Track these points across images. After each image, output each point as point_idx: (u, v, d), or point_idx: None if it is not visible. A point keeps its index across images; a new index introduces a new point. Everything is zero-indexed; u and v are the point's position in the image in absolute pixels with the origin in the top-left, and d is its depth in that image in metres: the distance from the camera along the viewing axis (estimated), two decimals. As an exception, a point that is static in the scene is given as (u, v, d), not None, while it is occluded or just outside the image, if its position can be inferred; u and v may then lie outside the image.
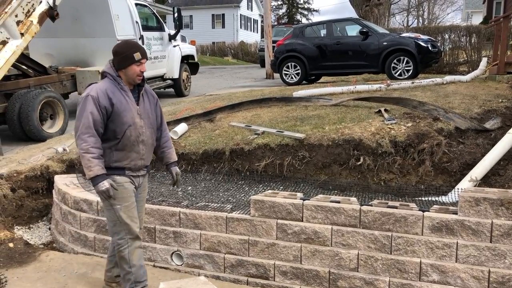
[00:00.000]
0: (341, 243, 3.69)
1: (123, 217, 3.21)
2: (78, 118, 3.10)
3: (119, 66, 3.18)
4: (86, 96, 3.10)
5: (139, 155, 3.26)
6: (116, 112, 3.12)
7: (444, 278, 3.42)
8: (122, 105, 3.14)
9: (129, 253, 3.24)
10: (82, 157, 3.05)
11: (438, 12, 48.44)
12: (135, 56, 3.16)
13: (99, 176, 3.04)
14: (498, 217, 3.35)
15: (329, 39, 11.24)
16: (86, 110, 3.06)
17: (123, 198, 3.20)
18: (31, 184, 5.63)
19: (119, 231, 3.24)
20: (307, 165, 5.07)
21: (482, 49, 12.69)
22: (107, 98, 3.10)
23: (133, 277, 3.26)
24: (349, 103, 6.50)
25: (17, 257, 4.38)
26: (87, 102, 3.08)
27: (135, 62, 3.16)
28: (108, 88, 3.13)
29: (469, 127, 5.04)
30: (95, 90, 3.11)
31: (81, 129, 3.05)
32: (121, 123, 3.14)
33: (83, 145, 3.03)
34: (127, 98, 3.18)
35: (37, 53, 10.36)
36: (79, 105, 3.13)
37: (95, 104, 3.07)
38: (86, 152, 3.03)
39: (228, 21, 41.72)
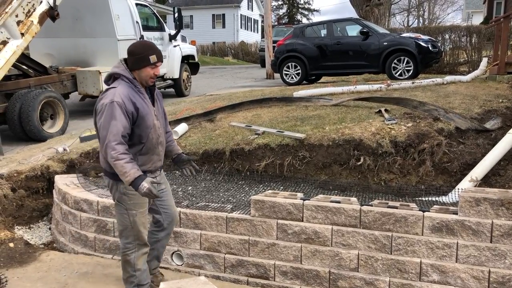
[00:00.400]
0: (341, 243, 3.69)
1: (137, 223, 3.19)
2: (105, 127, 2.94)
3: (133, 67, 3.07)
4: (111, 103, 2.93)
5: (159, 157, 3.27)
6: (141, 116, 3.03)
7: (444, 278, 3.42)
8: (144, 108, 3.06)
9: (135, 258, 3.23)
10: (115, 166, 2.94)
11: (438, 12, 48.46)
12: (151, 59, 3.06)
13: (137, 179, 2.92)
14: (499, 217, 3.35)
15: (329, 39, 11.24)
16: (114, 117, 2.92)
17: (139, 204, 3.18)
18: (31, 184, 5.63)
19: (128, 236, 3.22)
20: (308, 165, 5.07)
21: (482, 49, 12.69)
22: (131, 102, 2.99)
23: (136, 280, 3.27)
24: (350, 103, 6.50)
25: (17, 257, 4.38)
26: (114, 108, 2.92)
27: (150, 64, 3.06)
28: (129, 92, 3.01)
29: (469, 127, 5.04)
30: (119, 96, 2.96)
31: (109, 137, 2.91)
32: (145, 127, 3.07)
33: (113, 153, 2.91)
34: (146, 100, 3.11)
35: (38, 53, 10.37)
36: (103, 112, 2.96)
37: (122, 111, 2.94)
38: (117, 159, 2.91)
39: (229, 21, 41.72)
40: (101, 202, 4.48)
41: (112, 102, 2.93)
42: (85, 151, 6.07)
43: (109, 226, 4.43)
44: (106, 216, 4.45)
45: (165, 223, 3.46)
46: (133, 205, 3.16)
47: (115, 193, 3.18)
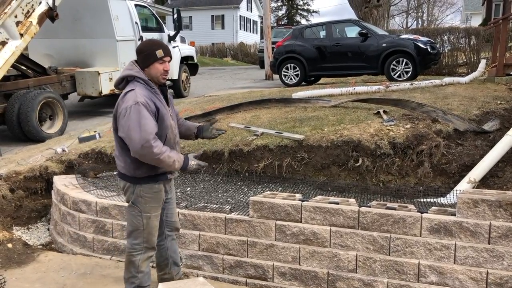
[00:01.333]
0: (339, 244, 3.69)
1: (150, 226, 3.18)
2: (134, 129, 2.87)
3: (143, 65, 3.05)
4: (136, 104, 2.88)
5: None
6: (161, 116, 3.01)
7: (442, 280, 3.42)
8: (162, 109, 3.03)
9: (140, 260, 3.22)
10: (161, 161, 2.94)
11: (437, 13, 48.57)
12: (157, 54, 3.01)
13: (184, 162, 3.05)
14: (496, 218, 3.36)
15: (328, 41, 11.26)
16: (143, 117, 2.88)
17: (154, 207, 3.18)
18: (30, 185, 5.63)
19: (137, 237, 3.20)
20: (306, 166, 5.08)
21: (481, 51, 12.72)
22: (153, 102, 2.97)
23: (138, 281, 3.26)
24: (348, 104, 6.51)
25: (15, 258, 4.38)
26: (141, 110, 2.88)
27: (158, 60, 3.02)
28: (147, 93, 2.98)
29: (467, 129, 5.04)
30: (141, 97, 2.92)
31: (145, 137, 2.85)
32: (165, 127, 3.06)
33: (156, 150, 2.88)
34: (162, 101, 3.08)
35: (37, 53, 10.38)
36: (129, 115, 2.89)
37: (148, 111, 2.91)
38: (161, 154, 2.91)
39: (228, 22, 41.73)
40: (99, 203, 4.48)
41: (136, 103, 2.89)
42: (84, 151, 6.07)
43: (107, 227, 4.42)
44: (104, 217, 4.45)
45: (166, 230, 3.45)
46: (149, 208, 3.15)
47: (130, 195, 3.16)
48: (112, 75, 10.06)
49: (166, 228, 3.45)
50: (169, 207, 3.41)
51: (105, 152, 5.94)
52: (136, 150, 2.91)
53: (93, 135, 6.77)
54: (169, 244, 3.48)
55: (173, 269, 3.53)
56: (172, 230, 3.49)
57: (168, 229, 3.46)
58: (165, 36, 12.09)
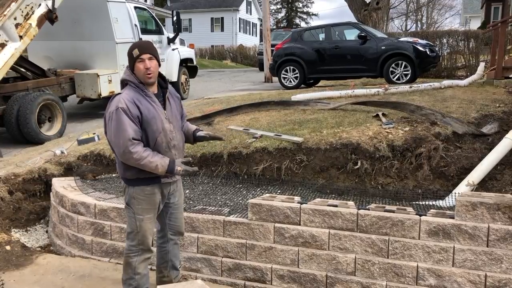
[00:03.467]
0: (338, 247, 3.69)
1: (143, 228, 3.20)
2: (115, 134, 2.97)
3: (130, 68, 3.10)
4: (116, 110, 2.96)
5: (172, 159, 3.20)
6: (146, 120, 3.03)
7: (440, 282, 3.42)
8: (150, 112, 3.05)
9: (137, 261, 3.25)
10: (143, 166, 2.98)
11: (436, 16, 48.67)
12: (133, 54, 3.04)
13: (169, 166, 3.03)
14: (495, 221, 3.36)
15: (327, 43, 11.27)
16: (123, 123, 2.94)
17: (146, 210, 3.19)
18: (28, 187, 5.63)
19: (133, 239, 3.24)
20: (305, 169, 5.08)
21: (480, 54, 12.73)
22: (136, 107, 3.00)
23: (135, 283, 3.27)
24: (347, 107, 6.51)
25: (14, 260, 4.37)
26: (120, 116, 2.95)
27: (136, 59, 3.03)
28: (133, 96, 3.03)
29: (466, 132, 5.05)
30: (122, 101, 2.98)
31: (124, 144, 2.94)
32: (152, 131, 3.06)
33: (135, 156, 2.95)
34: (153, 104, 3.09)
35: (36, 55, 10.37)
36: (111, 121, 3.00)
37: (127, 116, 2.96)
38: (141, 159, 2.96)
39: (227, 24, 41.78)
40: (98, 205, 4.47)
41: (117, 109, 2.97)
42: (83, 154, 6.07)
43: (106, 229, 4.42)
44: (103, 219, 4.45)
45: (168, 233, 3.47)
46: (141, 210, 3.17)
47: (126, 195, 3.23)
48: (111, 77, 10.06)
49: (169, 232, 3.46)
50: (173, 211, 3.41)
51: (104, 154, 5.93)
52: (119, 155, 3.01)
53: (92, 137, 6.76)
54: (171, 248, 3.49)
55: (172, 273, 3.54)
56: (175, 234, 3.49)
57: (171, 232, 3.47)
58: (165, 38, 12.09)
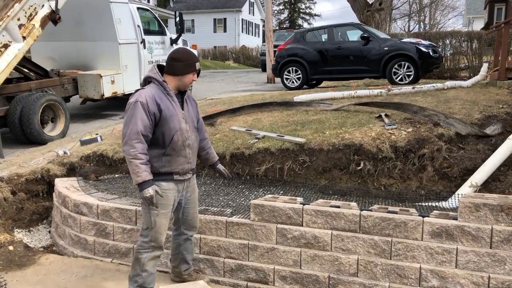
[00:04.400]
0: (341, 248, 3.68)
1: (157, 225, 3.30)
2: (127, 124, 3.12)
3: (177, 72, 3.26)
4: (135, 102, 3.12)
5: (186, 159, 3.36)
6: (164, 117, 3.17)
7: (443, 284, 3.41)
8: (169, 110, 3.20)
9: (146, 258, 3.33)
10: (129, 163, 3.09)
11: (439, 17, 48.57)
12: (196, 65, 3.31)
13: (146, 182, 3.09)
14: (498, 223, 3.34)
15: (330, 44, 11.27)
16: (135, 116, 3.09)
17: (162, 205, 3.27)
18: (31, 187, 5.63)
19: (147, 235, 3.33)
20: (308, 170, 5.07)
21: (483, 55, 12.70)
22: (155, 103, 3.14)
23: (141, 280, 3.35)
24: (350, 108, 6.50)
25: (16, 260, 4.38)
26: (136, 108, 3.10)
27: (194, 71, 3.31)
28: (155, 93, 3.18)
29: (469, 133, 5.04)
30: (144, 96, 3.13)
31: (130, 135, 3.08)
32: (169, 128, 3.20)
33: (131, 151, 3.07)
34: (173, 103, 3.25)
35: (39, 56, 10.40)
36: (127, 111, 3.15)
37: (144, 110, 3.09)
38: (134, 158, 3.06)
39: (230, 25, 41.80)
40: (100, 206, 4.48)
41: (136, 101, 3.12)
42: (86, 154, 6.08)
43: (108, 229, 4.42)
44: (105, 220, 4.45)
45: (182, 227, 3.64)
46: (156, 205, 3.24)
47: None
48: (114, 78, 10.08)
49: (183, 226, 3.64)
50: (186, 206, 3.58)
51: (106, 155, 5.94)
52: (122, 143, 3.14)
53: (94, 138, 6.77)
54: (183, 241, 3.68)
55: (182, 266, 3.75)
56: (188, 229, 3.66)
57: (184, 227, 3.64)
58: (167, 39, 12.11)
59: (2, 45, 7.44)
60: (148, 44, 11.15)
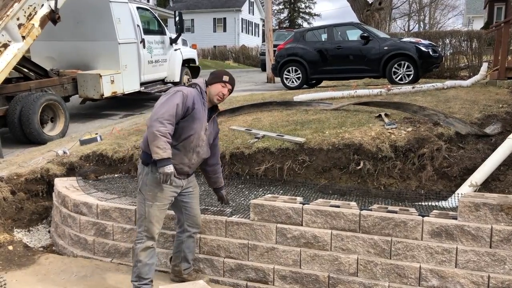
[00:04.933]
0: (340, 247, 3.68)
1: (151, 215, 3.41)
2: (163, 105, 3.26)
3: (208, 82, 3.54)
4: (178, 91, 3.34)
5: (189, 162, 3.49)
6: (193, 116, 3.36)
7: (443, 283, 3.41)
8: (199, 113, 3.40)
9: (139, 248, 3.46)
10: (157, 138, 3.17)
11: (439, 17, 48.52)
12: (224, 78, 3.53)
13: (169, 159, 3.22)
14: (498, 222, 3.34)
15: (330, 44, 11.26)
16: (173, 100, 3.27)
17: (158, 197, 3.41)
18: (31, 187, 5.63)
19: (141, 225, 3.47)
20: (307, 169, 5.07)
21: (483, 54, 12.70)
22: (193, 101, 3.36)
23: (137, 271, 3.47)
24: (350, 107, 6.50)
25: (16, 260, 4.38)
26: (177, 95, 3.31)
27: (221, 82, 3.50)
28: (195, 95, 3.41)
29: (469, 132, 5.03)
30: (186, 90, 3.38)
31: (164, 115, 3.21)
32: (191, 128, 3.38)
33: (162, 128, 3.18)
34: (204, 111, 3.47)
35: (39, 56, 10.38)
36: (167, 95, 3.33)
37: (182, 100, 3.30)
38: (164, 135, 3.18)
39: (230, 25, 41.79)
40: (100, 206, 4.48)
41: (179, 91, 3.35)
42: (85, 154, 6.08)
43: (108, 229, 4.42)
44: (105, 219, 4.45)
45: (185, 224, 3.70)
46: (151, 197, 3.39)
47: (139, 181, 3.48)
48: (113, 77, 10.07)
49: (186, 222, 3.70)
50: (188, 200, 3.66)
51: (106, 155, 5.94)
52: (151, 119, 3.23)
53: (94, 138, 6.77)
54: (185, 239, 3.72)
55: (183, 264, 3.78)
56: (192, 226, 3.71)
57: (188, 223, 3.70)
58: (167, 38, 12.09)
59: (2, 45, 7.43)
60: (147, 44, 11.14)
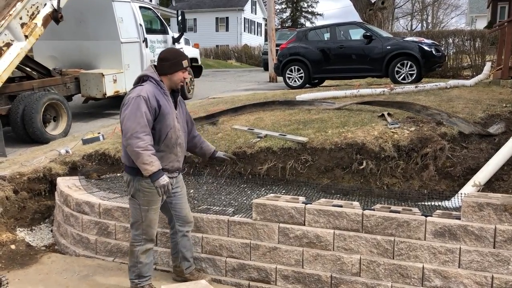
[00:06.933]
0: (343, 247, 3.67)
1: (148, 218, 3.42)
2: (130, 117, 3.15)
3: (166, 71, 3.36)
4: (137, 97, 3.19)
5: (176, 157, 3.48)
6: (162, 114, 3.28)
7: (446, 284, 3.39)
8: (166, 108, 3.31)
9: (139, 251, 3.46)
10: (139, 155, 3.12)
11: (442, 16, 48.44)
12: (183, 63, 3.38)
13: (160, 171, 3.19)
14: (502, 222, 3.33)
15: (332, 43, 11.24)
16: (140, 110, 3.15)
17: (152, 201, 3.40)
18: (33, 186, 5.64)
19: (137, 228, 3.46)
20: (310, 169, 5.06)
21: (486, 54, 12.67)
22: (155, 100, 3.25)
23: (137, 271, 3.49)
24: (352, 107, 6.48)
25: (18, 259, 4.38)
26: (140, 102, 3.17)
27: (182, 68, 3.38)
28: (154, 91, 3.28)
29: (472, 132, 5.01)
30: (145, 92, 3.22)
31: (137, 128, 3.13)
32: (165, 125, 3.31)
33: (141, 143, 3.12)
34: (169, 102, 3.37)
35: (41, 55, 10.41)
36: (129, 106, 3.20)
37: (146, 105, 3.18)
38: (145, 149, 3.13)
39: (232, 24, 41.80)
40: (102, 205, 4.48)
41: (138, 96, 3.19)
42: (88, 153, 6.08)
43: (110, 228, 4.42)
44: (107, 219, 4.45)
45: (176, 224, 3.69)
46: (147, 202, 3.39)
47: (131, 188, 3.40)
48: (116, 77, 10.08)
49: (177, 223, 3.67)
50: (177, 201, 3.62)
51: (108, 154, 5.94)
52: (125, 137, 3.16)
53: (96, 137, 6.77)
54: (180, 239, 3.70)
55: (183, 264, 3.77)
56: (183, 225, 3.68)
57: (179, 223, 3.67)
58: (169, 38, 12.10)
59: (5, 44, 7.44)
60: (150, 43, 11.14)
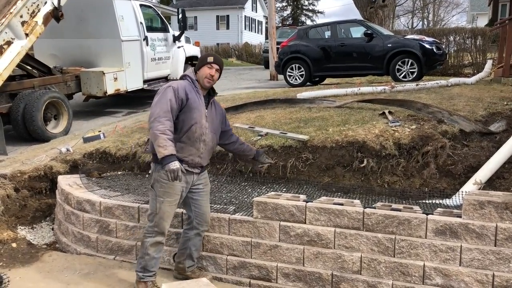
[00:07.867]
0: (344, 245, 3.67)
1: (162, 210, 3.48)
2: (156, 104, 3.35)
3: (196, 70, 3.61)
4: (168, 87, 3.42)
5: (198, 152, 3.55)
6: (189, 106, 3.44)
7: (447, 282, 3.40)
8: (195, 102, 3.48)
9: (149, 242, 3.53)
10: (157, 137, 3.23)
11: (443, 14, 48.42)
12: (208, 59, 3.58)
13: (173, 156, 3.23)
14: (503, 220, 3.32)
15: (333, 41, 11.23)
16: (166, 97, 3.35)
17: (168, 193, 3.47)
18: (34, 184, 5.64)
19: (152, 220, 3.53)
20: (311, 167, 5.05)
21: (487, 52, 12.66)
22: (185, 92, 3.45)
23: (144, 263, 3.54)
24: (353, 105, 6.48)
25: (20, 257, 4.39)
26: (168, 91, 3.39)
27: (207, 63, 3.54)
28: (186, 86, 3.50)
29: (473, 130, 5.00)
30: (176, 84, 3.47)
31: (159, 113, 3.29)
32: (190, 117, 3.45)
33: (160, 126, 3.24)
34: (199, 99, 3.54)
35: (42, 53, 10.41)
36: (158, 94, 3.42)
37: (174, 94, 3.38)
38: (163, 133, 3.23)
39: (233, 22, 41.74)
40: (103, 203, 4.48)
41: (169, 86, 3.44)
42: (88, 151, 6.08)
43: (111, 226, 4.42)
44: (108, 217, 4.45)
45: (194, 221, 3.73)
46: (162, 193, 3.45)
47: (151, 179, 3.53)
48: (116, 75, 10.08)
49: (195, 220, 3.72)
50: (198, 197, 3.71)
51: (109, 152, 5.94)
52: (149, 121, 3.33)
53: (97, 135, 6.77)
54: (193, 236, 3.74)
55: (187, 262, 3.80)
56: (200, 224, 3.73)
57: (197, 221, 3.71)
58: (170, 36, 12.09)
59: (5, 42, 7.43)
60: (150, 41, 11.13)
